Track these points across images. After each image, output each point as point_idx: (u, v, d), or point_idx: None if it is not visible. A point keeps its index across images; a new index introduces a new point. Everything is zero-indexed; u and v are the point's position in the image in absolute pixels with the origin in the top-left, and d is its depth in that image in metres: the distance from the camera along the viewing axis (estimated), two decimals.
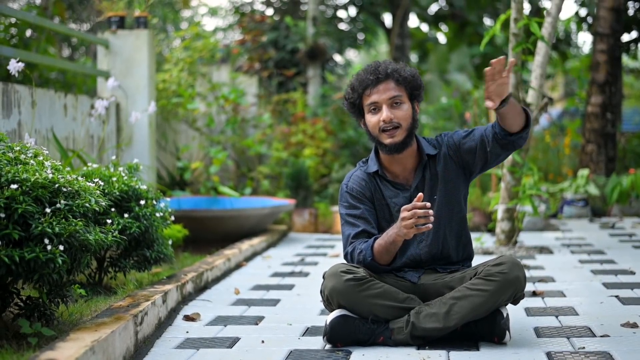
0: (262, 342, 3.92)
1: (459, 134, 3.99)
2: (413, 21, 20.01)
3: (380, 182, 4.00)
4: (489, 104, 3.62)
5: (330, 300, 3.79)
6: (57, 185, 3.59)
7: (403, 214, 3.63)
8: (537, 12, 16.43)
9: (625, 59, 15.87)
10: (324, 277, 3.84)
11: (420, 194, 3.62)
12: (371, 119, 3.91)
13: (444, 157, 3.98)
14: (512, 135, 3.79)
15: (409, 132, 3.89)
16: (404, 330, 3.73)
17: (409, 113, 3.89)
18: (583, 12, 15.74)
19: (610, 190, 9.97)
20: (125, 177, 4.84)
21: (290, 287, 5.53)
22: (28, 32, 9.17)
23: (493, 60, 3.58)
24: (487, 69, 3.58)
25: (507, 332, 3.74)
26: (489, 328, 3.75)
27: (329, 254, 7.14)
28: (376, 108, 3.88)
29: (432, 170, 3.98)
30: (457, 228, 4.02)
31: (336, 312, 3.76)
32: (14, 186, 3.41)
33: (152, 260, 4.91)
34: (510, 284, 3.71)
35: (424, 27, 20.91)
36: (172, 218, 5.18)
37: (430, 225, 3.61)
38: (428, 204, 3.60)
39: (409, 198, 3.93)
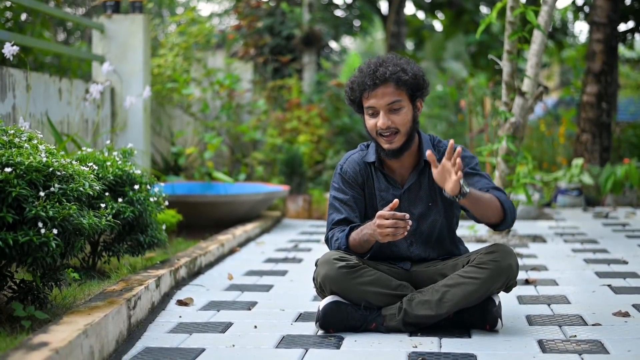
0: (255, 327, 3.92)
1: (467, 164, 3.89)
2: (409, 8, 19.94)
3: (375, 172, 3.97)
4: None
5: (322, 287, 3.79)
6: (51, 169, 3.59)
7: (380, 221, 3.57)
8: (534, 0, 16.41)
9: (622, 49, 15.86)
10: (316, 264, 3.85)
11: (396, 200, 3.57)
12: (369, 121, 3.83)
13: None
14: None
15: (408, 136, 3.82)
16: (396, 317, 3.74)
17: (409, 117, 3.80)
18: (580, 1, 15.74)
19: (604, 180, 9.99)
20: (120, 162, 4.84)
21: (283, 273, 5.54)
22: (23, 16, 9.15)
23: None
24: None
25: (499, 319, 3.75)
26: (481, 315, 3.76)
27: (323, 241, 7.15)
28: (374, 112, 3.81)
29: (431, 177, 3.86)
30: (452, 235, 4.05)
31: (329, 299, 3.77)
32: (8, 169, 3.41)
33: (146, 245, 4.91)
34: (503, 271, 3.72)
35: (420, 15, 20.86)
36: (166, 203, 5.18)
37: (405, 233, 3.58)
38: (407, 215, 3.57)
39: (398, 197, 3.89)
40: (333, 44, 14.95)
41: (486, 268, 3.69)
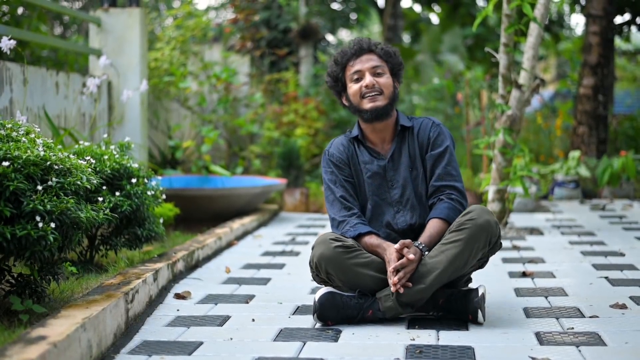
0: (253, 320, 3.93)
1: (437, 145, 4.04)
2: (406, 1, 19.95)
3: (358, 147, 4.10)
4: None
5: (318, 268, 3.84)
6: (48, 163, 3.59)
7: (393, 276, 3.69)
8: None
9: (618, 41, 15.86)
10: (313, 248, 3.88)
11: (405, 247, 3.73)
12: (353, 87, 4.01)
13: (420, 138, 4.07)
14: None
15: (391, 100, 3.99)
16: (390, 297, 3.76)
17: (391, 83, 4.01)
18: None
19: (601, 172, 9.98)
20: (117, 156, 4.84)
21: (280, 266, 5.55)
22: (20, 10, 9.13)
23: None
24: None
25: (479, 311, 3.75)
26: (463, 306, 3.78)
27: (320, 234, 7.14)
28: (359, 77, 3.99)
29: (411, 145, 4.06)
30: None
31: (324, 290, 3.80)
32: (5, 163, 3.41)
33: (143, 239, 4.92)
34: (482, 228, 3.75)
35: (417, 8, 20.85)
36: (164, 196, 5.18)
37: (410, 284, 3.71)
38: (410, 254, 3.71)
39: (382, 167, 4.03)
40: (330, 37, 14.96)
41: (465, 228, 3.75)
